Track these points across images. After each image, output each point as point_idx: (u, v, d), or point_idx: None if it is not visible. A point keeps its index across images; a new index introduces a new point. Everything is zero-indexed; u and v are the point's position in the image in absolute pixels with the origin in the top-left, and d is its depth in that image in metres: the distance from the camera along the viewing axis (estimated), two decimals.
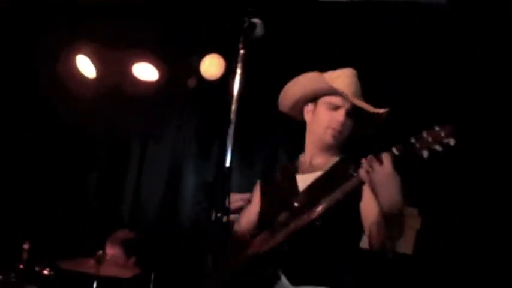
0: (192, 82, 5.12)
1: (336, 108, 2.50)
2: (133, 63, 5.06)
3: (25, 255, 4.03)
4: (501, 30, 3.79)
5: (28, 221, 4.76)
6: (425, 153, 2.09)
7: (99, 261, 3.86)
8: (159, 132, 5.40)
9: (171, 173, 5.26)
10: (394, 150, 2.14)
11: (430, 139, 2.09)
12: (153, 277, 4.05)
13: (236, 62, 1.97)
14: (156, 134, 5.40)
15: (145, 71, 5.08)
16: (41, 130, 5.16)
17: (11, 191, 4.95)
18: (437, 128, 2.11)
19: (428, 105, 3.93)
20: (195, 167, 5.20)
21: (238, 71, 1.98)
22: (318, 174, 2.50)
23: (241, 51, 1.99)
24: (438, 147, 2.08)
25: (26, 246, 4.04)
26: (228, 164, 1.87)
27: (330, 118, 2.50)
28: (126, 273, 4.05)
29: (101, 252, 3.94)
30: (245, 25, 1.99)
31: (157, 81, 5.09)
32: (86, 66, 5.10)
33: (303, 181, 2.52)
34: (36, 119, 5.17)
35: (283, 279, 2.28)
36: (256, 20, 2.06)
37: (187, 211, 5.08)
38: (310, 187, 2.47)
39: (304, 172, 2.57)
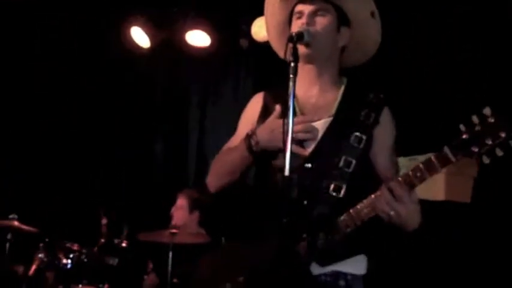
0: (243, 43, 5.20)
1: (300, 15, 2.20)
2: (185, 32, 5.16)
3: (104, 230, 4.34)
4: None
5: (104, 196, 5.07)
6: (485, 159, 1.80)
7: (174, 231, 4.11)
8: (216, 94, 5.55)
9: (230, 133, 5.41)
10: (449, 154, 1.85)
11: (490, 141, 1.78)
12: (223, 242, 4.26)
13: (288, 75, 2.00)
14: (214, 96, 5.55)
15: (198, 38, 5.18)
16: (107, 105, 5.41)
17: (86, 170, 5.24)
18: (491, 120, 1.78)
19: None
20: None
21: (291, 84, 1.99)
22: (324, 122, 2.13)
23: (292, 64, 2.00)
24: (499, 152, 1.79)
25: (104, 221, 4.34)
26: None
27: (295, 25, 2.18)
28: (198, 240, 4.30)
29: (174, 223, 4.19)
30: (294, 39, 2.02)
31: (210, 46, 5.19)
32: (140, 37, 5.25)
33: None
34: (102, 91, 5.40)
35: None
36: (302, 29, 2.10)
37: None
38: (321, 143, 2.10)
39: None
